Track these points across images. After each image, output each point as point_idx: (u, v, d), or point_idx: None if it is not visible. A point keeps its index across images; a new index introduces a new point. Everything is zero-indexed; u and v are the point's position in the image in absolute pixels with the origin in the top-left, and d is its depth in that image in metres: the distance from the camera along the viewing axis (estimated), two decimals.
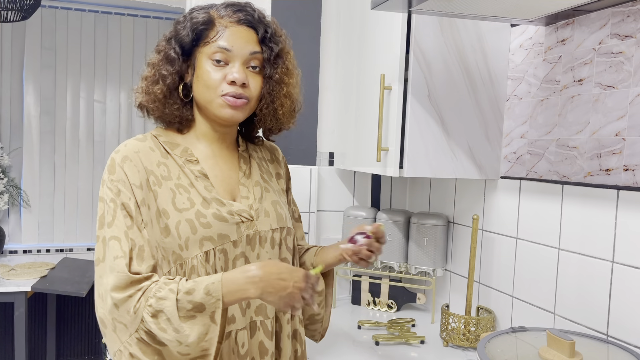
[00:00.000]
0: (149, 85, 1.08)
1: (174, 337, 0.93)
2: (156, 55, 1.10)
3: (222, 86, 1.05)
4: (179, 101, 1.09)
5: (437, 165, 1.59)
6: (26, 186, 3.36)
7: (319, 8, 2.08)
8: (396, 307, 1.99)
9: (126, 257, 0.97)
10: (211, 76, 1.05)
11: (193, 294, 0.94)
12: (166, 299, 0.93)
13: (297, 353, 1.19)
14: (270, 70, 1.10)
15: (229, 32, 1.05)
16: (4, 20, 2.59)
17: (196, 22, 1.05)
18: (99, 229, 1.02)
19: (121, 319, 0.96)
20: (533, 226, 1.53)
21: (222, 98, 1.05)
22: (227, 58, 1.05)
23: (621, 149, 1.27)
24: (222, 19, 1.06)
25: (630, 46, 1.25)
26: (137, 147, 1.06)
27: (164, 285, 0.95)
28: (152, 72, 1.08)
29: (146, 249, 1.00)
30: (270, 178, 1.21)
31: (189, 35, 1.05)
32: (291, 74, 1.13)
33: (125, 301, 0.95)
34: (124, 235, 0.99)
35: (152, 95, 1.08)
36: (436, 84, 1.57)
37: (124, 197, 1.01)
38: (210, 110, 1.07)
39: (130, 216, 1.00)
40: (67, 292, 2.49)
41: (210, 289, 0.94)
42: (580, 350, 1.13)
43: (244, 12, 1.08)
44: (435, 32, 1.55)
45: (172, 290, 0.94)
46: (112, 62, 3.50)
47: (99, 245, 1.01)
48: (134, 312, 0.95)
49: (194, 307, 0.93)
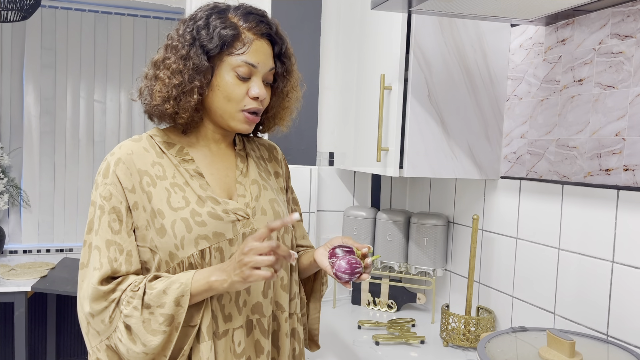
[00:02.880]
0: (181, 95, 1.04)
1: (141, 350, 0.99)
2: (178, 59, 1.04)
3: (244, 100, 1.07)
4: (202, 107, 1.09)
5: (437, 165, 1.59)
6: (26, 186, 3.36)
7: (319, 8, 2.08)
8: (396, 307, 1.99)
9: (102, 269, 1.01)
10: (235, 90, 1.06)
11: (164, 308, 0.98)
12: (131, 316, 0.99)
13: (295, 352, 1.20)
14: (281, 85, 1.14)
15: (254, 47, 1.06)
16: (4, 20, 2.59)
17: (225, 34, 1.04)
18: (87, 233, 1.06)
19: (95, 327, 1.02)
20: (533, 226, 1.53)
21: (242, 113, 1.07)
22: (251, 73, 1.06)
23: (621, 149, 1.27)
24: (247, 31, 1.06)
25: (630, 46, 1.25)
26: (130, 148, 1.07)
27: (131, 300, 0.99)
28: (181, 80, 1.04)
29: (134, 254, 1.03)
30: (269, 176, 1.21)
31: (217, 47, 1.04)
32: (297, 88, 1.18)
33: (100, 312, 1.01)
34: (106, 245, 1.02)
35: (185, 105, 1.05)
36: (436, 84, 1.57)
37: (114, 201, 1.03)
38: (224, 121, 1.09)
39: (120, 220, 1.03)
40: (67, 292, 2.49)
41: (181, 301, 0.98)
42: (580, 350, 1.13)
43: (265, 24, 1.08)
44: (435, 32, 1.55)
45: (136, 307, 0.99)
46: (112, 62, 3.50)
47: (85, 249, 1.05)
48: (109, 322, 1.01)
49: (165, 321, 0.98)
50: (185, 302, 0.98)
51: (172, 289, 0.98)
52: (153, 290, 0.99)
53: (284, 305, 1.15)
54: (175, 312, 0.98)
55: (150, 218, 1.04)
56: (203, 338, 1.02)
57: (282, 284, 1.15)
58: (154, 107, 1.07)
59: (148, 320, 0.98)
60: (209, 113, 1.10)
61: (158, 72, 1.06)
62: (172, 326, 0.99)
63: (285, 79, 1.14)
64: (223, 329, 1.05)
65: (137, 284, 1.00)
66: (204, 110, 1.10)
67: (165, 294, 0.98)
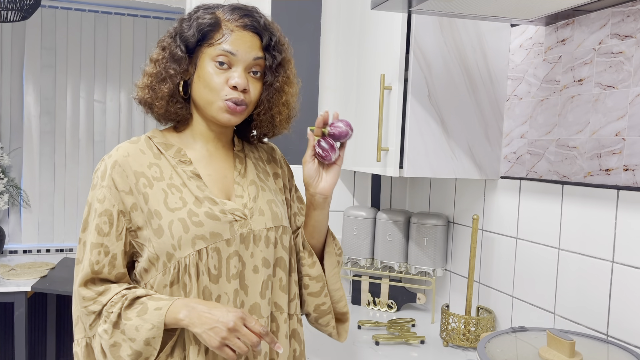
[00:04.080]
0: (155, 83, 1.08)
1: None
2: (160, 51, 1.09)
3: (224, 90, 1.06)
4: (181, 99, 1.09)
5: (437, 165, 1.59)
6: (26, 186, 3.36)
7: (319, 8, 2.08)
8: (396, 307, 1.99)
9: (83, 271, 1.06)
10: (214, 79, 1.05)
11: (134, 343, 1.01)
12: (102, 337, 1.03)
13: (296, 353, 1.19)
14: (271, 78, 1.11)
15: (234, 37, 1.06)
16: (4, 20, 2.59)
17: (202, 23, 1.05)
18: (82, 232, 1.09)
19: (83, 320, 1.07)
20: (533, 226, 1.53)
21: (223, 102, 1.06)
22: (230, 62, 1.06)
23: (621, 149, 1.27)
24: (229, 22, 1.07)
25: (630, 46, 1.25)
26: (127, 150, 1.09)
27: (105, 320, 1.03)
28: (157, 70, 1.08)
29: (119, 258, 1.06)
30: (267, 177, 1.21)
31: (194, 36, 1.06)
32: (291, 83, 1.15)
33: (85, 316, 1.06)
34: (90, 248, 1.06)
35: (159, 93, 1.07)
36: (436, 84, 1.57)
37: (107, 204, 1.05)
38: (208, 112, 1.08)
39: (110, 223, 1.05)
40: (67, 292, 2.49)
41: (152, 342, 1.01)
42: (580, 350, 1.13)
43: (250, 17, 1.08)
44: (435, 32, 1.55)
45: (106, 331, 1.03)
46: (112, 62, 3.50)
47: (80, 246, 1.09)
48: (89, 328, 1.06)
49: (133, 353, 1.02)
50: (157, 342, 1.01)
51: (144, 329, 1.00)
52: (127, 322, 1.02)
53: (283, 306, 1.15)
54: (144, 350, 1.02)
55: (147, 219, 1.04)
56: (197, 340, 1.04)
57: (280, 285, 1.14)
58: (140, 100, 1.11)
59: (118, 345, 1.02)
60: (196, 107, 1.11)
61: (146, 68, 1.11)
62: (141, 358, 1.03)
63: (275, 72, 1.11)
64: None
65: (114, 303, 1.03)
66: (191, 104, 1.12)
67: (137, 330, 1.01)
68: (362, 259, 2.02)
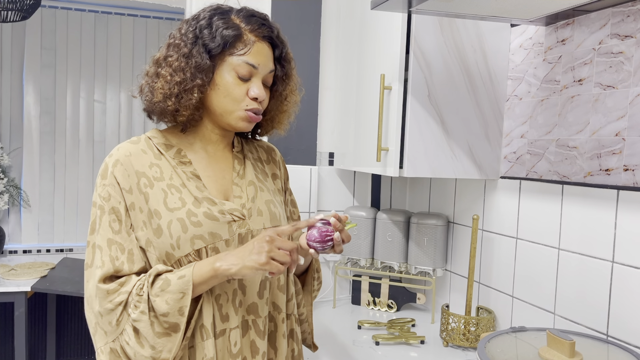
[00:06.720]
0: (182, 92, 1.05)
1: (149, 354, 0.99)
2: (183, 59, 1.05)
3: (245, 100, 1.08)
4: (201, 105, 1.09)
5: (437, 165, 1.60)
6: (26, 186, 3.36)
7: (319, 8, 2.08)
8: (396, 307, 1.99)
9: (104, 267, 1.03)
10: (235, 90, 1.07)
11: (168, 317, 0.99)
12: (139, 320, 0.99)
13: (294, 352, 1.20)
14: (279, 88, 1.15)
15: (255, 49, 1.07)
16: (4, 20, 2.59)
17: (227, 35, 1.05)
18: (90, 234, 1.07)
19: (103, 327, 1.02)
20: (533, 226, 1.53)
21: (244, 112, 1.08)
22: (251, 74, 1.08)
23: (621, 149, 1.27)
24: (249, 33, 1.07)
25: (630, 46, 1.25)
26: (128, 150, 1.08)
27: (138, 304, 1.00)
28: (182, 78, 1.04)
29: (135, 252, 1.04)
30: (266, 178, 1.22)
31: (219, 47, 1.05)
32: (295, 92, 1.19)
33: (108, 313, 1.01)
34: (107, 244, 1.04)
35: (186, 102, 1.05)
36: (436, 84, 1.57)
37: (113, 202, 1.05)
38: (224, 119, 1.10)
39: (119, 220, 1.04)
40: (67, 292, 2.49)
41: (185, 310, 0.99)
42: (580, 350, 1.13)
43: (267, 27, 1.10)
44: (435, 32, 1.55)
45: (143, 312, 0.99)
46: (112, 62, 3.50)
47: (89, 250, 1.06)
48: (116, 324, 1.01)
49: (169, 327, 0.99)
50: (187, 306, 0.99)
51: (174, 297, 0.99)
52: (156, 299, 0.99)
53: (281, 306, 1.15)
54: (179, 320, 1.00)
55: (147, 219, 1.05)
56: (208, 335, 1.03)
57: (278, 285, 1.15)
58: (155, 104, 1.08)
59: (156, 324, 0.99)
60: (209, 112, 1.11)
61: (160, 70, 1.07)
62: (179, 331, 1.00)
63: (284, 82, 1.15)
64: (220, 329, 1.06)
65: (141, 287, 1.00)
66: (203, 108, 1.10)
67: (167, 303, 0.99)
68: (362, 259, 2.02)
